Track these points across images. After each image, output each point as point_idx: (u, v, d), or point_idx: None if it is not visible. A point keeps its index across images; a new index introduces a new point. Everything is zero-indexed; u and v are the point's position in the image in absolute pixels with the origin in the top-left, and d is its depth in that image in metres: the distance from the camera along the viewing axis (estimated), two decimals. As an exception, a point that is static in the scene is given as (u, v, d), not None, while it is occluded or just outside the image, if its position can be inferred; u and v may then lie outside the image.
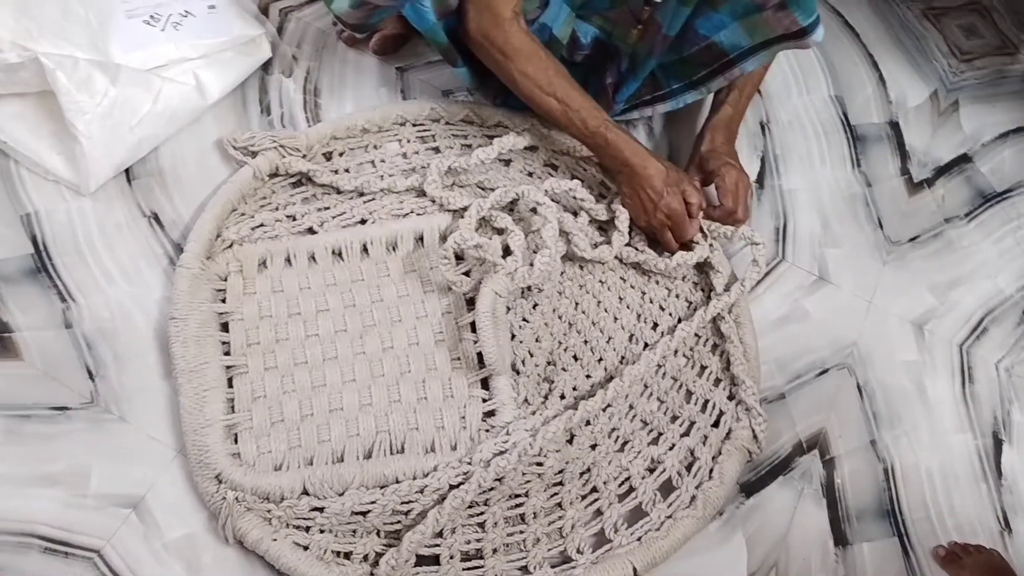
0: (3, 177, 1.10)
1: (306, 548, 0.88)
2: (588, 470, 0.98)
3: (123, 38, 1.17)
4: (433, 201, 1.10)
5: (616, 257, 1.09)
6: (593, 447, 0.99)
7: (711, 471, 0.98)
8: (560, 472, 0.96)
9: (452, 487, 0.91)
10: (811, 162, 1.33)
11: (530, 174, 1.17)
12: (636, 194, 1.07)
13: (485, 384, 1.00)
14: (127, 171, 1.13)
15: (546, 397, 1.00)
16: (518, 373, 1.01)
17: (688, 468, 0.99)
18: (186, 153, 1.16)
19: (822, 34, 1.06)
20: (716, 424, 1.03)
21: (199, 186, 1.13)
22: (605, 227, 1.13)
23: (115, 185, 1.12)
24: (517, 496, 0.95)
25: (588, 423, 1.00)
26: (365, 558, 0.90)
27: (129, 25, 1.18)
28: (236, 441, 0.93)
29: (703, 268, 1.13)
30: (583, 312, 1.08)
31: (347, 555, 0.90)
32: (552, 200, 1.11)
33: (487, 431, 0.96)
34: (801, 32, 1.04)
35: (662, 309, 1.10)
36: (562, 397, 1.01)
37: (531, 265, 1.01)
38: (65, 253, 1.06)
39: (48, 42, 1.11)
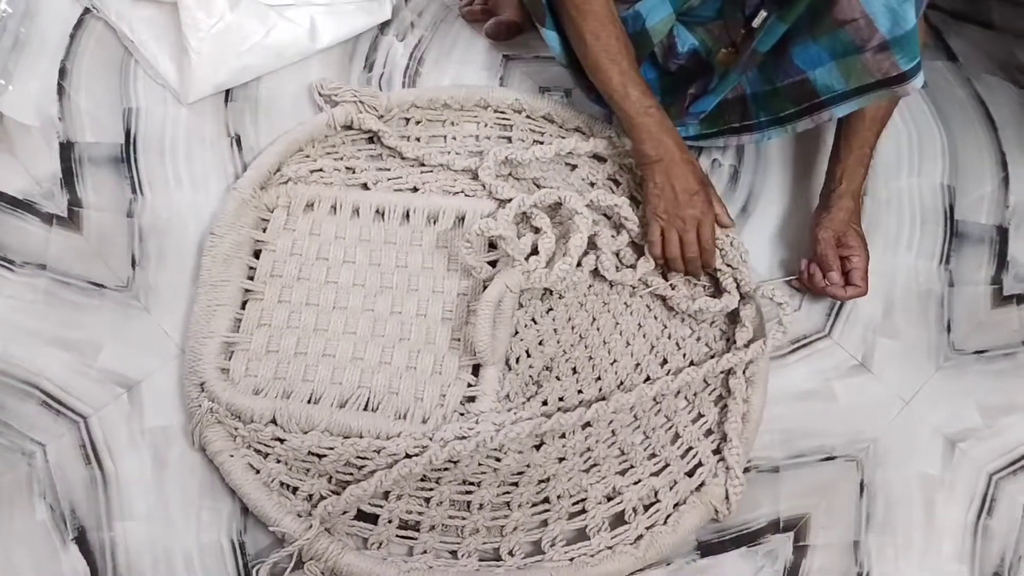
0: (121, 71, 1.22)
1: (257, 472, 0.94)
2: (547, 480, 0.98)
3: (259, -30, 1.25)
4: (484, 186, 1.12)
5: (644, 283, 1.08)
6: (560, 460, 0.99)
7: (668, 517, 0.96)
8: (519, 474, 0.97)
9: (407, 456, 0.94)
10: (896, 247, 1.25)
11: (592, 184, 1.17)
12: (668, 185, 1.05)
13: (476, 371, 1.02)
14: (227, 92, 1.22)
15: (528, 399, 1.01)
16: (509, 369, 1.03)
17: (646, 508, 0.97)
18: (284, 89, 1.24)
19: (922, 81, 1.00)
20: (691, 473, 1.00)
21: (285, 122, 1.21)
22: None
23: (212, 102, 1.21)
24: (469, 483, 0.96)
25: (563, 436, 1.00)
26: (309, 497, 0.94)
27: (270, -41, 1.27)
28: (230, 358, 0.99)
29: (735, 319, 1.10)
30: (597, 329, 1.07)
31: (294, 489, 0.94)
32: (601, 213, 1.11)
33: (461, 414, 0.98)
34: (900, 77, 0.99)
35: (678, 347, 1.08)
36: (544, 403, 1.01)
37: (548, 269, 1.02)
38: (149, 151, 1.16)
39: (188, -42, 1.20)
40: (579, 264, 1.07)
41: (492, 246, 1.08)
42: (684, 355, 1.07)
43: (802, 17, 0.99)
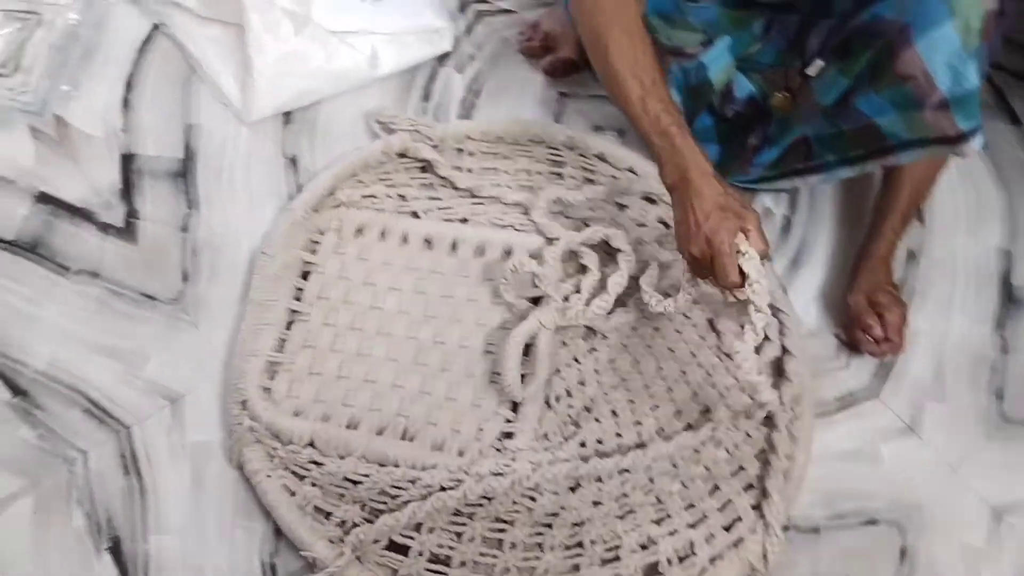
0: (184, 88, 1.25)
1: (293, 494, 0.93)
2: (581, 523, 0.96)
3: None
4: (532, 222, 1.12)
5: (685, 315, 1.07)
6: (596, 504, 0.97)
7: (703, 571, 0.94)
8: (553, 515, 0.96)
9: (442, 489, 0.93)
10: (949, 308, 1.23)
11: (641, 224, 1.17)
12: (685, 214, 0.93)
13: (516, 407, 1.01)
14: (286, 114, 1.24)
15: (567, 439, 1.00)
16: (549, 407, 1.02)
17: (681, 560, 0.95)
18: (343, 114, 1.26)
19: (982, 143, 0.99)
20: (729, 528, 0.98)
21: (342, 146, 1.23)
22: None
23: (272, 122, 1.24)
24: (502, 521, 0.95)
25: (600, 479, 0.99)
26: (342, 523, 0.93)
27: (338, -12, 1.29)
28: (273, 378, 1.00)
29: (781, 372, 1.08)
30: (640, 372, 1.06)
31: (327, 515, 0.94)
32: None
33: (498, 450, 0.97)
34: (959, 138, 0.97)
35: (721, 397, 1.06)
36: (582, 445, 1.00)
37: (586, 307, 1.01)
38: (208, 168, 1.18)
39: (257, -18, 1.23)
40: (624, 304, 1.06)
41: (538, 282, 1.08)
42: (727, 406, 1.06)
43: (863, 71, 0.98)
